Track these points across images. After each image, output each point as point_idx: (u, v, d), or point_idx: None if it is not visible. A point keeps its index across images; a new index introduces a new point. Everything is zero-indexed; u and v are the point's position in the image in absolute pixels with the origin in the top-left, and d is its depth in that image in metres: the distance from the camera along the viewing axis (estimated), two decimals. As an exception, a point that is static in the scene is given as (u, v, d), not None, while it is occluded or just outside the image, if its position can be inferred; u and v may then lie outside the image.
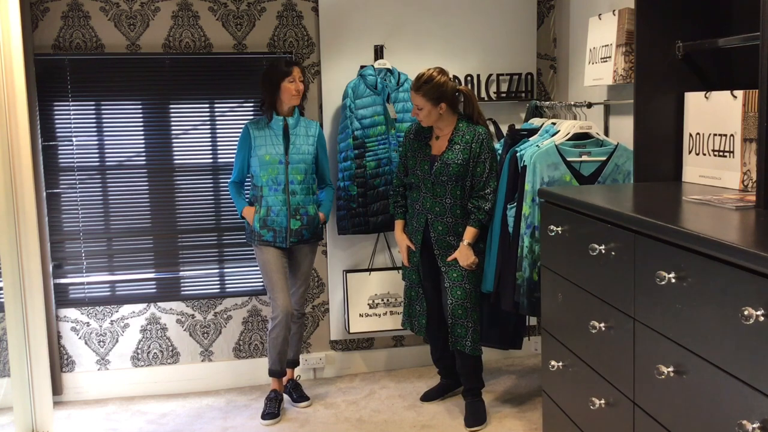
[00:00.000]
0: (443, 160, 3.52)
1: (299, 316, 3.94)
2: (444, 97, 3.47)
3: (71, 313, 4.07)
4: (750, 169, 2.48)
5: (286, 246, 3.75)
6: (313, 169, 3.81)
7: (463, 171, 3.50)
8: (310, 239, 3.82)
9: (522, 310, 3.36)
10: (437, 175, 3.52)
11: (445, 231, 3.57)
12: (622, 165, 3.37)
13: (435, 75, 3.47)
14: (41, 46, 3.87)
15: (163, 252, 4.13)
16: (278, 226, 3.72)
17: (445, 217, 3.56)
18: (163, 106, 4.06)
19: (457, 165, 3.49)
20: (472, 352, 3.60)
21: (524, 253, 3.31)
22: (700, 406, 1.85)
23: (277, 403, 3.81)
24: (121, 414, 3.91)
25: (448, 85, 3.49)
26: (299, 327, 3.98)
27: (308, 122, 3.82)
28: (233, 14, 4.04)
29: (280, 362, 3.83)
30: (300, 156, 3.73)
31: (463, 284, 3.56)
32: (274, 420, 3.73)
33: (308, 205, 3.76)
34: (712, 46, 2.66)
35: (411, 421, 3.72)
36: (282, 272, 3.78)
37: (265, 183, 3.71)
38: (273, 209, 3.71)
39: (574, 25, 4.16)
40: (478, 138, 3.50)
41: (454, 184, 3.52)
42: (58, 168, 3.98)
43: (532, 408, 3.81)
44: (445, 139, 3.56)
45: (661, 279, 1.92)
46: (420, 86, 3.46)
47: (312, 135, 3.78)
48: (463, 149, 3.50)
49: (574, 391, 2.62)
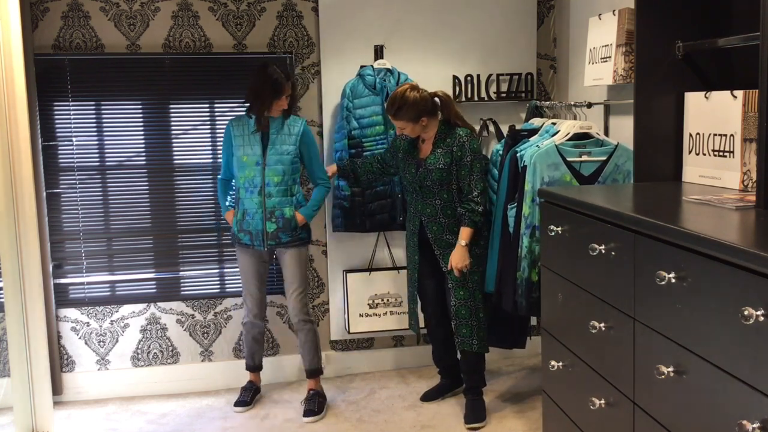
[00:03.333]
0: (426, 165, 3.55)
1: (302, 322, 3.81)
2: (423, 111, 3.51)
3: (71, 313, 4.07)
4: (750, 169, 2.48)
5: (264, 248, 3.73)
6: (293, 169, 3.69)
7: (446, 175, 3.52)
8: (290, 242, 3.73)
9: (520, 310, 3.36)
10: (422, 180, 3.56)
11: (440, 230, 3.59)
12: (622, 165, 3.37)
13: (408, 94, 3.49)
14: (41, 46, 3.87)
15: (163, 252, 4.13)
16: (254, 229, 3.70)
17: (438, 218, 3.58)
18: (163, 106, 4.05)
19: (438, 170, 3.52)
20: (479, 350, 3.62)
21: (523, 253, 3.31)
22: (700, 406, 1.85)
23: (250, 393, 3.97)
24: (121, 414, 3.91)
25: (423, 99, 3.52)
26: (306, 335, 3.83)
27: (294, 120, 3.73)
28: (233, 14, 4.04)
29: (251, 358, 3.98)
30: (278, 157, 3.65)
31: (465, 284, 3.57)
32: (244, 408, 3.89)
33: (284, 207, 3.67)
34: (712, 46, 2.66)
35: (411, 421, 3.72)
36: (255, 276, 3.82)
37: (242, 185, 3.69)
38: (249, 212, 3.69)
39: (574, 25, 4.16)
40: (458, 141, 3.52)
41: (439, 188, 3.54)
42: (58, 168, 3.98)
43: (532, 408, 3.81)
44: (430, 142, 3.60)
45: (661, 279, 1.92)
46: (396, 112, 3.50)
47: (294, 134, 3.69)
48: (445, 153, 3.53)
49: (574, 391, 2.62)
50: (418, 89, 3.54)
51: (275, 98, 3.62)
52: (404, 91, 3.51)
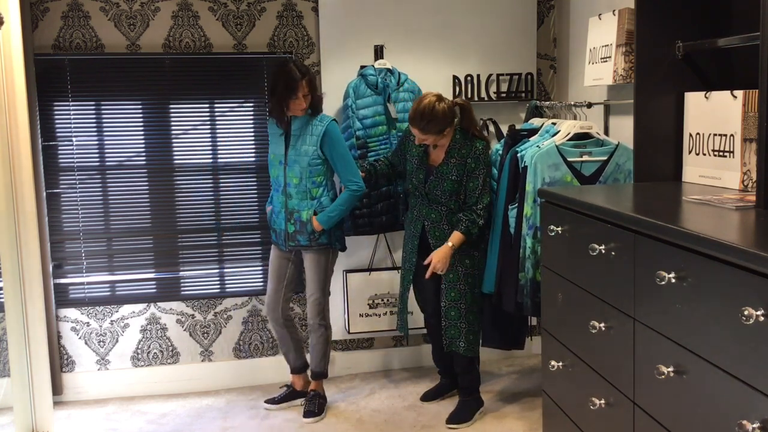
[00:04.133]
0: (438, 173, 3.50)
1: (316, 325, 3.77)
2: (449, 123, 3.44)
3: (71, 313, 4.07)
4: (750, 169, 2.48)
5: (285, 249, 3.74)
6: (313, 171, 3.60)
7: (458, 187, 3.50)
8: (309, 246, 3.68)
9: (525, 311, 3.36)
10: (431, 188, 3.53)
11: (443, 236, 3.55)
12: (622, 164, 3.37)
13: (437, 108, 3.37)
14: (41, 46, 3.87)
15: (163, 252, 4.13)
16: (278, 227, 3.72)
17: (442, 224, 3.56)
18: (163, 106, 4.05)
19: (451, 182, 3.49)
20: (465, 353, 3.60)
21: (527, 253, 3.31)
22: (700, 406, 1.85)
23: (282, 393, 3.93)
24: (121, 414, 3.91)
25: (450, 110, 3.43)
26: (317, 338, 3.78)
27: (321, 119, 3.60)
28: (233, 14, 4.04)
29: (285, 359, 3.91)
30: (296, 158, 3.61)
31: (457, 285, 3.56)
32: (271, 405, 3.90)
33: (303, 210, 3.63)
34: (712, 46, 2.66)
35: (411, 421, 3.72)
36: (275, 273, 3.81)
37: (272, 182, 3.75)
38: (275, 210, 3.73)
39: (574, 25, 4.16)
40: (474, 153, 3.47)
41: (448, 197, 3.52)
42: (58, 168, 3.98)
43: (532, 408, 3.81)
44: (443, 150, 3.53)
45: (661, 279, 1.92)
46: (425, 126, 3.38)
47: (316, 134, 3.58)
48: (458, 164, 3.48)
49: (574, 391, 2.62)
50: (443, 99, 3.43)
51: (290, 97, 3.53)
52: (432, 104, 3.37)
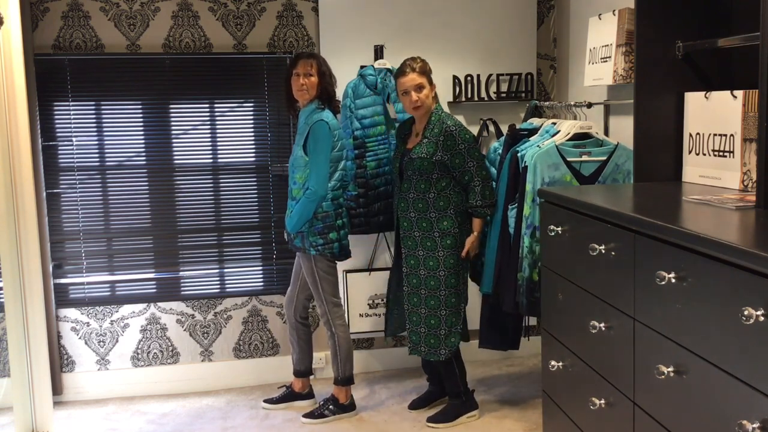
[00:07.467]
0: (410, 154, 3.53)
1: (325, 332, 3.76)
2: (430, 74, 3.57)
3: (71, 313, 4.07)
4: (750, 169, 2.48)
5: (292, 249, 3.75)
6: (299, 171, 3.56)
7: (427, 165, 3.46)
8: (301, 249, 3.64)
9: (521, 310, 3.36)
10: (405, 169, 3.55)
11: (410, 226, 3.55)
12: (622, 165, 3.37)
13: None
14: (41, 46, 3.87)
15: (163, 252, 4.13)
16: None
17: (409, 213, 3.54)
18: (163, 106, 4.06)
19: (421, 159, 3.47)
20: (427, 356, 3.60)
21: (524, 253, 3.31)
22: (700, 406, 1.85)
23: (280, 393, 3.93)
24: (121, 414, 3.91)
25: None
26: (329, 344, 3.75)
27: (315, 116, 3.54)
28: (233, 14, 4.04)
29: (292, 359, 3.88)
30: (292, 158, 3.63)
31: (419, 291, 3.56)
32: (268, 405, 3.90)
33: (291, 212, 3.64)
34: (712, 46, 2.66)
35: (411, 421, 3.72)
36: (295, 274, 3.83)
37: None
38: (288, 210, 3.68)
39: (574, 25, 4.16)
40: (446, 131, 3.47)
41: (418, 177, 3.50)
42: (58, 168, 3.98)
43: (532, 408, 3.81)
44: (421, 135, 3.56)
45: (661, 279, 1.92)
46: (418, 66, 3.52)
47: (302, 134, 3.55)
48: (429, 143, 3.48)
49: (574, 391, 2.62)
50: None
51: (291, 74, 3.57)
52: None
